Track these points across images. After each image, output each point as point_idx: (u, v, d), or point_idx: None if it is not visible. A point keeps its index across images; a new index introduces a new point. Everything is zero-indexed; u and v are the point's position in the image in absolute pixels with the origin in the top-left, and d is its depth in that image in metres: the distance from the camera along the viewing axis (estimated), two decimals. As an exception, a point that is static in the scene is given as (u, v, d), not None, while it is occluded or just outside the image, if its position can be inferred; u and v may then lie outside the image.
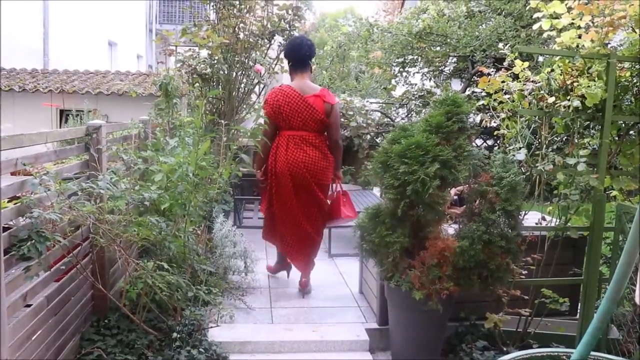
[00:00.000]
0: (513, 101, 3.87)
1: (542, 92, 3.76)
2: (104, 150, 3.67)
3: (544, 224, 3.90)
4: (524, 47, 5.64)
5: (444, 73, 10.59)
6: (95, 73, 12.31)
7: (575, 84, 3.67)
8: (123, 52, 18.13)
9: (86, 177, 3.49)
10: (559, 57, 3.77)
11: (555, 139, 3.90)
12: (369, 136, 9.24)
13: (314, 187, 4.74)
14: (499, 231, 3.48)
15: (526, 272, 3.76)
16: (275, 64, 6.28)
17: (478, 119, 4.15)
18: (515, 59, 3.95)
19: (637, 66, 3.72)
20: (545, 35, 3.90)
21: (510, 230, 3.50)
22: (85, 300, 3.55)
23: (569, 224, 3.74)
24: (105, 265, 3.66)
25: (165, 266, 3.44)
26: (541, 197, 3.76)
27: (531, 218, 3.94)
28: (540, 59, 7.28)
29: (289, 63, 4.91)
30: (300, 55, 4.81)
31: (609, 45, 3.93)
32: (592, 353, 2.16)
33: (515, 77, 3.99)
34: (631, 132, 3.88)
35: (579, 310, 4.00)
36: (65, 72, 11.96)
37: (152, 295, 3.60)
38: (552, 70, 3.82)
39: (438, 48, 9.68)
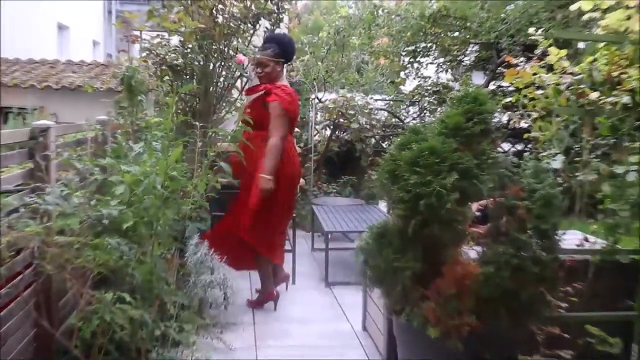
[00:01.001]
0: (547, 97, 3.87)
1: (582, 86, 3.76)
2: (53, 158, 3.64)
3: (586, 245, 3.89)
4: (560, 32, 5.67)
5: (464, 64, 10.62)
6: (41, 63, 12.29)
7: (623, 76, 3.67)
8: (76, 38, 17.99)
9: (30, 190, 3.46)
10: (603, 43, 3.76)
11: (600, 142, 3.89)
12: (373, 140, 9.26)
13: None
14: (532, 254, 3.46)
15: (566, 305, 3.73)
16: (261, 54, 6.27)
17: (505, 118, 4.15)
18: (549, 46, 3.96)
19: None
20: (586, 17, 3.89)
21: (545, 254, 3.48)
22: (26, 342, 3.50)
23: (618, 245, 3.73)
24: (53, 297, 3.62)
25: (127, 298, 3.41)
26: (583, 214, 3.75)
27: (571, 239, 3.94)
28: (581, 45, 7.29)
29: (284, 62, 5.42)
30: (293, 53, 5.51)
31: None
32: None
33: (550, 68, 4.00)
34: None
35: (632, 353, 3.96)
36: (5, 61, 11.89)
37: (111, 334, 3.56)
38: (595, 59, 3.82)
39: (456, 33, 9.72)
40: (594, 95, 3.68)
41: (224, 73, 6.05)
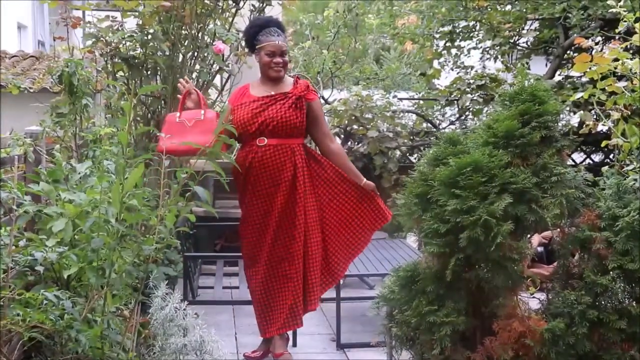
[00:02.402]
0: (633, 91, 3.84)
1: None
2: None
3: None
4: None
5: (519, 48, 10.61)
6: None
7: None
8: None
9: None
10: None
11: None
12: (398, 152, 9.23)
13: None
14: (616, 305, 3.44)
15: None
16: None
17: (576, 121, 4.13)
18: (636, 20, 3.93)
19: None
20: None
21: (635, 304, 3.46)
22: None
23: None
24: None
25: (71, 372, 3.39)
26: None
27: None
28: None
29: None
30: None
31: None
32: None
33: (638, 51, 3.98)
34: None
35: None
36: None
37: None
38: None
39: (508, 7, 9.70)
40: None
41: (197, 67, 6.05)
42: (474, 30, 10.35)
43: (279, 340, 5.42)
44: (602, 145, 4.62)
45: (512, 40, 10.35)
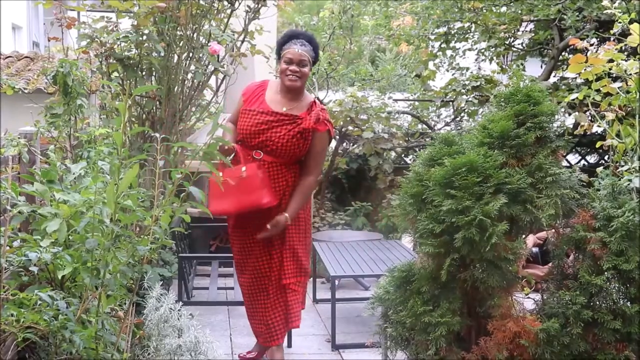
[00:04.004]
0: (628, 92, 3.84)
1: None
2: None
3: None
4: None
5: (514, 49, 10.62)
6: None
7: None
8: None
9: None
10: None
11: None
12: (393, 153, 9.24)
13: None
14: (610, 305, 3.45)
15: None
16: (242, 42, 6.28)
17: (570, 122, 4.13)
18: (631, 22, 3.93)
19: None
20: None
21: (629, 304, 3.46)
22: None
23: None
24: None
25: (65, 373, 3.38)
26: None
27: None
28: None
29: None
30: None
31: None
32: None
33: (633, 52, 3.98)
34: None
35: None
36: None
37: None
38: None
39: (504, 9, 9.71)
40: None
41: (192, 68, 6.05)
42: (469, 31, 10.38)
43: (277, 353, 5.43)
44: (597, 146, 4.63)
45: (507, 42, 10.37)
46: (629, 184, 3.66)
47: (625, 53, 3.96)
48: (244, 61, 6.48)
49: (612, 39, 3.97)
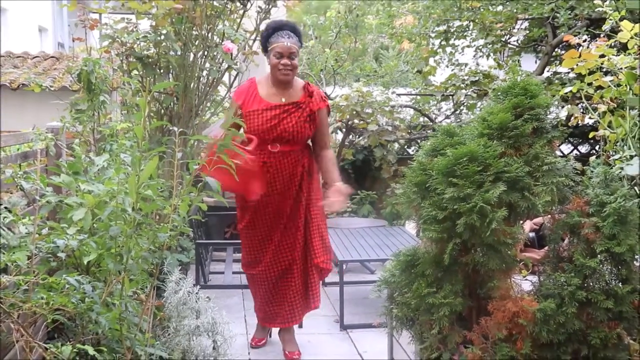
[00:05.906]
0: (619, 85, 3.83)
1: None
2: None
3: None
4: (635, 1, 5.61)
5: (510, 46, 10.60)
6: (-31, 56, 12.29)
7: None
8: (17, 23, 17.76)
9: (-35, 217, 3.45)
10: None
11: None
12: (397, 145, 9.23)
13: None
14: (603, 286, 3.45)
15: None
16: (254, 40, 6.27)
17: (564, 114, 4.12)
18: (621, 19, 3.91)
19: None
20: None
21: (621, 285, 3.45)
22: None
23: None
24: (-3, 351, 3.61)
25: (91, 352, 3.38)
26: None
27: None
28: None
29: None
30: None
31: None
32: None
33: (623, 48, 3.96)
34: None
35: None
36: None
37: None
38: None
39: (500, 7, 9.69)
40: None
41: (207, 65, 6.04)
42: (467, 29, 10.35)
43: (287, 335, 5.46)
44: (590, 136, 4.61)
45: (503, 39, 10.36)
46: (620, 172, 3.65)
47: (616, 49, 3.94)
48: (256, 58, 6.47)
49: (603, 35, 3.95)
